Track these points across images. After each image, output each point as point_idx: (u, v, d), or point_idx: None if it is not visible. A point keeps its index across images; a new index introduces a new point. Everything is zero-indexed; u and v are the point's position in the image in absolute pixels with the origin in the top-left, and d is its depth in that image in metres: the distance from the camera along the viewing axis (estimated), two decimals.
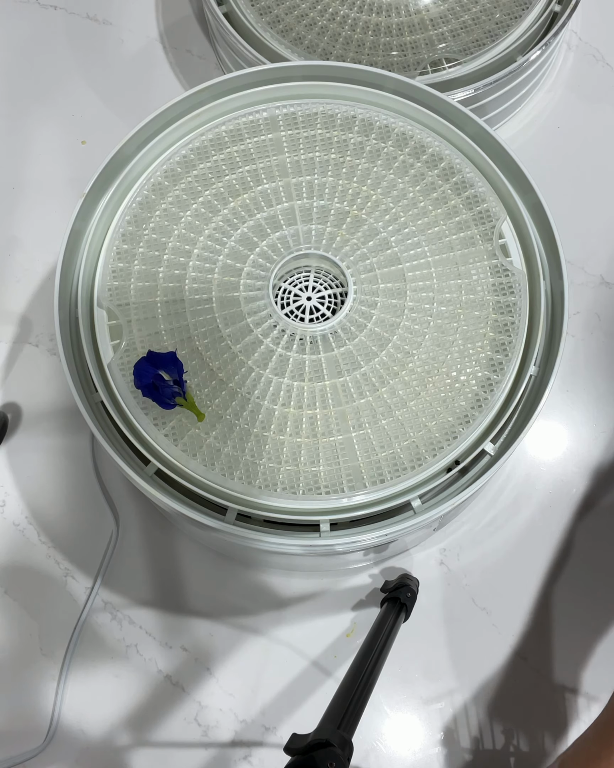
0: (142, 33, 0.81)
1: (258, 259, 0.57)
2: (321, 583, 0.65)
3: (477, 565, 0.66)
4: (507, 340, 0.54)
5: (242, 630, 0.64)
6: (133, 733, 0.62)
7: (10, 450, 0.68)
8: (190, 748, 0.62)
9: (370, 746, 0.62)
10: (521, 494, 0.67)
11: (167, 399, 0.52)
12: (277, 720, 0.62)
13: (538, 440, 0.68)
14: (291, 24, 0.69)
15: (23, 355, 0.71)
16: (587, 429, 0.69)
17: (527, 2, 0.70)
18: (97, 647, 0.64)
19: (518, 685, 0.63)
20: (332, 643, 0.64)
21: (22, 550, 0.66)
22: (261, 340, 0.55)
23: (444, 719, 0.63)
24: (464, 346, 0.54)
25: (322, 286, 0.58)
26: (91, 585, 0.65)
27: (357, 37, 0.69)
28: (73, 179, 0.76)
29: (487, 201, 0.57)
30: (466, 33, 0.69)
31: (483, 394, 0.53)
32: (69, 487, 0.67)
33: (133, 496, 0.67)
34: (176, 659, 0.64)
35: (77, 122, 0.78)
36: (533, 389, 0.56)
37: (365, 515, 0.52)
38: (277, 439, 0.53)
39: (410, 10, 0.70)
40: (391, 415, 0.53)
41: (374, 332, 0.55)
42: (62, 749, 0.62)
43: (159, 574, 0.66)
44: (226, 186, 0.58)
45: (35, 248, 0.74)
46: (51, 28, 0.81)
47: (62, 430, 0.68)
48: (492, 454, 0.54)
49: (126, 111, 0.78)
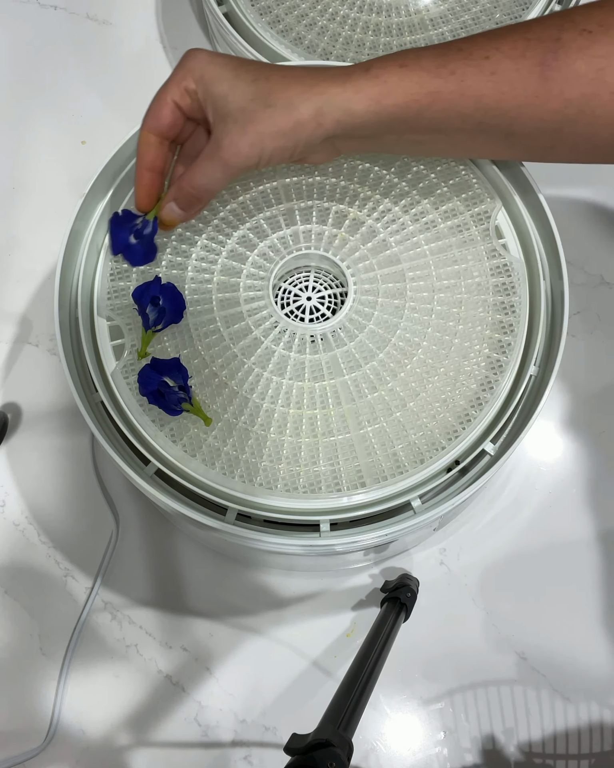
0: (142, 33, 0.81)
1: (258, 260, 0.57)
2: (321, 583, 0.65)
3: (477, 565, 0.66)
4: (507, 340, 0.54)
5: (242, 630, 0.64)
6: (133, 733, 0.62)
7: (10, 450, 0.68)
8: (190, 748, 0.62)
9: (370, 746, 0.62)
10: (521, 494, 0.67)
11: (173, 405, 0.52)
12: (277, 720, 0.62)
13: (538, 440, 0.69)
14: (291, 24, 0.69)
15: (23, 355, 0.71)
16: (587, 429, 0.69)
17: (527, 2, 0.70)
18: (97, 647, 0.64)
19: (517, 685, 0.63)
20: (332, 643, 0.64)
21: (22, 550, 0.66)
22: (261, 340, 0.55)
23: (444, 719, 0.63)
24: (464, 346, 0.54)
25: (322, 286, 0.58)
26: (91, 585, 0.65)
27: (357, 37, 0.69)
28: (73, 179, 0.76)
29: (486, 201, 0.57)
30: (466, 33, 0.69)
31: (483, 394, 0.53)
32: (69, 487, 0.67)
33: (133, 496, 0.67)
34: (176, 659, 0.64)
35: (77, 122, 0.78)
36: (533, 389, 0.56)
37: (365, 515, 0.52)
38: (277, 439, 0.53)
39: (410, 10, 0.70)
40: (391, 415, 0.53)
41: (374, 332, 0.55)
42: (62, 749, 0.62)
43: (159, 574, 0.66)
44: None
45: (35, 248, 0.74)
46: (51, 28, 0.81)
47: (62, 430, 0.68)
48: (492, 454, 0.54)
49: (126, 111, 0.78)
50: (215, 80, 0.45)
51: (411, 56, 0.45)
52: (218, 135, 0.46)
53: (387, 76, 0.44)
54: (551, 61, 0.43)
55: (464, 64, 0.44)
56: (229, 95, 0.45)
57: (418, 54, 0.45)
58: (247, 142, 0.45)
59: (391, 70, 0.44)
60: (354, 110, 0.44)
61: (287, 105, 0.44)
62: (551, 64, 0.43)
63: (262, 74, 0.45)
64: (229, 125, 0.45)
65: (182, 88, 0.47)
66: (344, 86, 0.44)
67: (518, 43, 0.43)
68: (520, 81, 0.43)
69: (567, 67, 0.43)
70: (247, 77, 0.45)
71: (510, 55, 0.43)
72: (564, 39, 0.43)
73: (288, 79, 0.45)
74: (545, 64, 0.43)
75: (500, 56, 0.43)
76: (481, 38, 0.45)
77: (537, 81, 0.43)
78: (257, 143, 0.45)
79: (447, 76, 0.44)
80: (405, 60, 0.45)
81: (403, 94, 0.44)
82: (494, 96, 0.44)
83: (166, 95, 0.47)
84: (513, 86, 0.43)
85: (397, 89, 0.44)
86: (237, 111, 0.45)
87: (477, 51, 0.44)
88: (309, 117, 0.44)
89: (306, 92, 0.44)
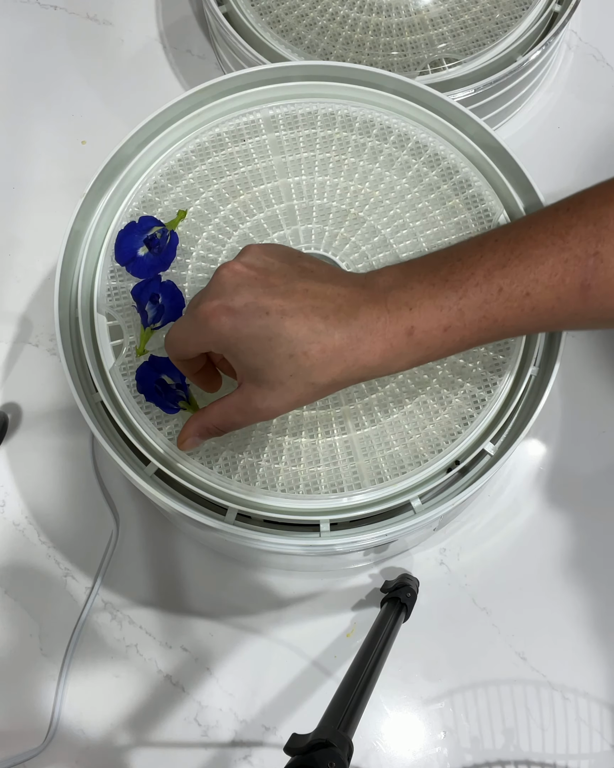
0: (142, 33, 0.81)
1: None
2: (322, 583, 0.65)
3: (477, 565, 0.66)
4: (507, 339, 0.54)
5: (242, 630, 0.64)
6: (133, 733, 0.62)
7: (10, 450, 0.68)
8: (190, 748, 0.62)
9: (370, 746, 0.62)
10: (521, 494, 0.67)
11: (170, 403, 0.52)
12: (277, 720, 0.62)
13: (538, 440, 0.69)
14: (291, 24, 0.69)
15: (23, 355, 0.71)
16: (587, 429, 0.69)
17: (527, 2, 0.70)
18: (97, 647, 0.64)
19: (518, 685, 0.63)
20: (332, 643, 0.64)
21: (22, 550, 0.66)
22: None
23: (444, 719, 0.63)
24: None
25: None
26: (91, 585, 0.65)
27: (357, 37, 0.69)
28: (73, 179, 0.75)
29: (486, 201, 0.57)
30: (466, 33, 0.69)
31: (483, 394, 0.53)
32: (69, 487, 0.67)
33: (133, 496, 0.67)
34: (176, 659, 0.64)
35: (77, 122, 0.78)
36: (533, 389, 0.56)
37: (365, 515, 0.52)
38: (277, 440, 0.53)
39: (410, 10, 0.70)
40: (391, 415, 0.53)
41: None
42: (62, 749, 0.62)
43: (159, 574, 0.66)
44: (226, 186, 0.58)
45: (35, 248, 0.74)
46: (51, 28, 0.81)
47: (62, 430, 0.68)
48: (492, 454, 0.54)
49: (126, 111, 0.78)
50: (246, 354, 0.42)
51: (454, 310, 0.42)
52: (252, 396, 0.44)
53: (431, 342, 0.42)
54: (591, 280, 0.41)
55: (506, 308, 0.42)
56: (265, 370, 0.42)
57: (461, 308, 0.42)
58: (286, 405, 0.44)
59: (435, 334, 0.42)
60: (395, 370, 0.44)
61: (330, 384, 0.43)
62: (591, 283, 0.41)
63: (300, 348, 0.41)
64: (264, 390, 0.43)
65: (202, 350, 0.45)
66: (384, 357, 0.42)
67: (557, 268, 0.41)
68: (561, 308, 0.42)
69: (607, 283, 0.41)
70: (282, 352, 0.41)
71: (549, 284, 0.41)
72: (603, 252, 0.40)
73: (328, 354, 0.42)
74: (585, 286, 0.41)
75: (541, 289, 0.41)
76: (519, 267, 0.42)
77: (578, 302, 0.42)
78: (295, 405, 0.44)
79: (489, 326, 0.42)
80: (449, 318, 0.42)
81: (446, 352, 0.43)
82: (533, 325, 0.43)
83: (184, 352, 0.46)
84: (553, 314, 0.42)
85: (440, 350, 0.43)
86: (276, 382, 0.42)
87: (517, 288, 0.41)
88: (351, 383, 0.44)
89: (347, 368, 0.42)
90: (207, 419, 0.47)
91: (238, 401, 0.45)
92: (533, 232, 0.42)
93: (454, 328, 0.42)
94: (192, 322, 0.44)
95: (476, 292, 0.42)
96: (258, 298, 0.42)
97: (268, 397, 0.43)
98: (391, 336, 0.42)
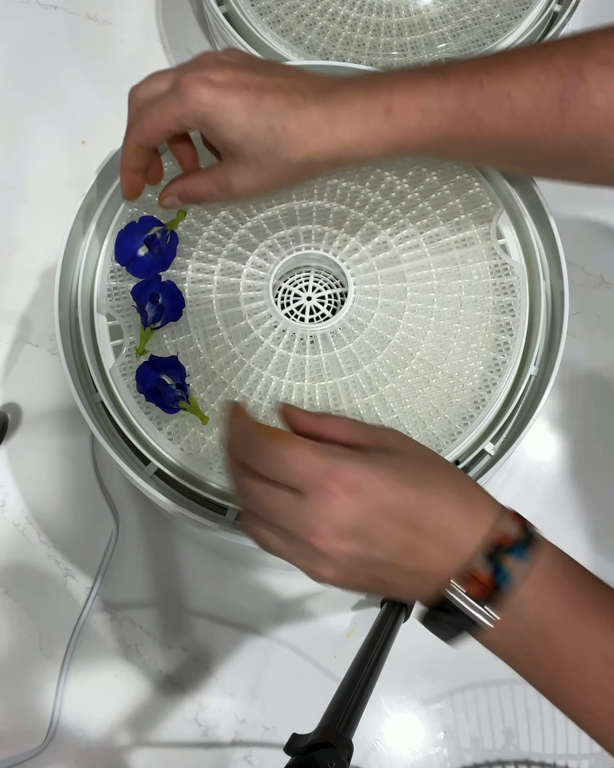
0: (142, 33, 0.81)
1: (258, 260, 0.57)
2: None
3: None
4: (507, 339, 0.54)
5: (242, 630, 0.64)
6: (133, 733, 0.62)
7: (10, 450, 0.68)
8: (190, 748, 0.62)
9: (370, 746, 0.62)
10: (521, 494, 0.67)
11: (170, 403, 0.52)
12: (277, 720, 0.62)
13: (538, 440, 0.68)
14: (291, 24, 0.69)
15: (23, 355, 0.71)
16: (587, 429, 0.69)
17: (527, 2, 0.70)
18: (97, 647, 0.64)
19: (518, 685, 0.63)
20: (332, 643, 0.64)
21: (22, 550, 0.66)
22: (261, 340, 0.55)
23: (444, 719, 0.63)
24: (464, 346, 0.54)
25: (322, 286, 0.58)
26: (91, 585, 0.65)
27: (357, 37, 0.69)
28: (73, 179, 0.75)
29: (486, 201, 0.57)
30: (466, 33, 0.69)
31: (483, 394, 0.53)
32: (69, 487, 0.67)
33: (133, 496, 0.67)
34: (176, 659, 0.64)
35: (77, 122, 0.78)
36: (533, 389, 0.56)
37: None
38: None
39: (410, 10, 0.70)
40: (390, 415, 0.53)
41: (374, 332, 0.55)
42: (62, 749, 0.62)
43: (159, 574, 0.66)
44: None
45: (35, 248, 0.74)
46: (51, 28, 0.81)
47: (62, 430, 0.68)
48: (492, 454, 0.54)
49: (126, 111, 0.78)
50: (223, 127, 0.43)
51: (434, 93, 0.43)
52: (228, 171, 0.45)
53: (407, 122, 0.43)
54: (571, 95, 0.42)
55: (484, 104, 0.43)
56: (243, 144, 0.43)
57: (440, 91, 0.43)
58: (260, 185, 0.45)
59: (412, 115, 0.43)
60: (371, 154, 0.44)
61: (306, 162, 0.43)
62: (570, 98, 0.42)
63: (278, 121, 0.42)
64: (240, 166, 0.44)
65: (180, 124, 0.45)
66: (361, 133, 0.43)
67: (539, 76, 0.42)
68: (538, 117, 0.43)
69: (586, 101, 0.42)
70: (260, 124, 0.42)
71: (530, 90, 0.42)
72: (585, 70, 0.42)
73: (305, 128, 0.43)
74: (564, 99, 0.42)
75: (521, 93, 0.42)
76: (502, 69, 0.43)
77: (555, 116, 0.42)
78: (269, 186, 0.45)
79: (467, 119, 0.43)
80: (428, 99, 0.43)
81: (422, 139, 0.44)
82: (510, 131, 0.44)
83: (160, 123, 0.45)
84: (530, 122, 0.43)
85: (417, 136, 0.44)
86: (252, 158, 0.44)
87: (499, 86, 0.43)
88: (326, 165, 0.44)
89: (323, 144, 0.43)
90: (188, 181, 0.48)
91: (215, 172, 0.46)
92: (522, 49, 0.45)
93: (431, 111, 0.43)
94: (172, 94, 0.44)
95: (456, 81, 0.43)
96: (238, 75, 0.43)
97: (244, 173, 0.44)
98: (369, 111, 0.43)
